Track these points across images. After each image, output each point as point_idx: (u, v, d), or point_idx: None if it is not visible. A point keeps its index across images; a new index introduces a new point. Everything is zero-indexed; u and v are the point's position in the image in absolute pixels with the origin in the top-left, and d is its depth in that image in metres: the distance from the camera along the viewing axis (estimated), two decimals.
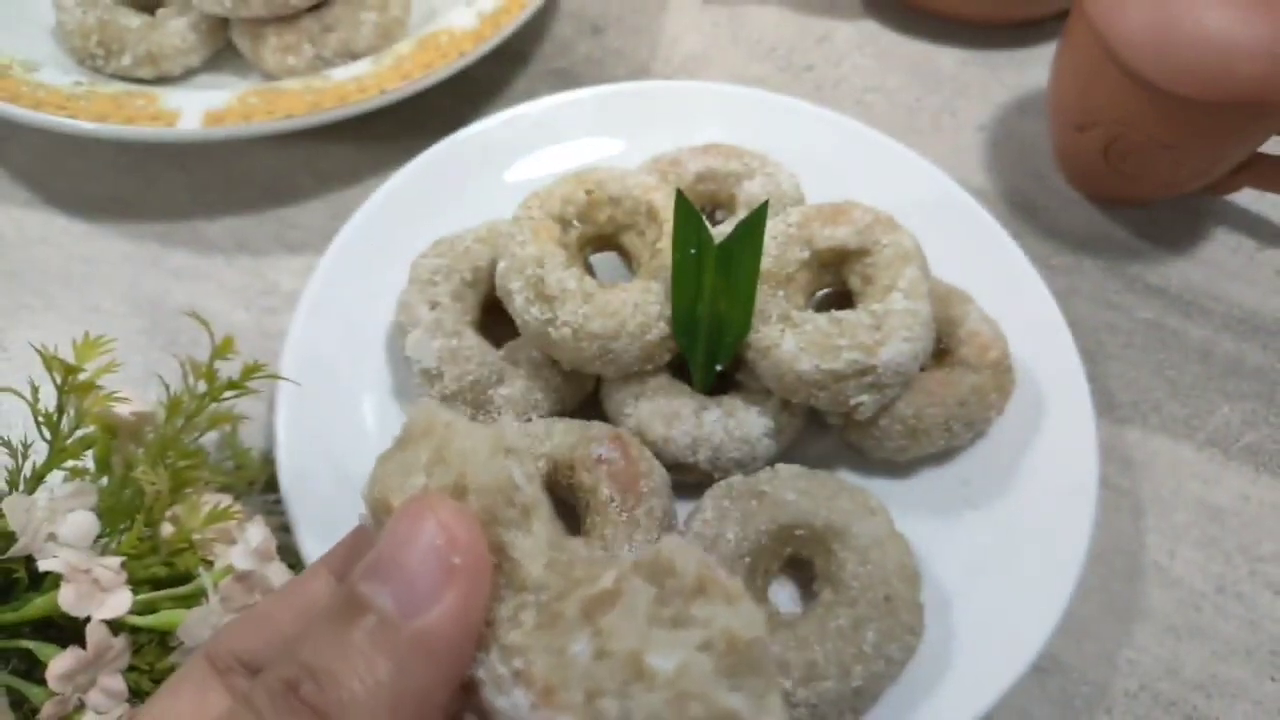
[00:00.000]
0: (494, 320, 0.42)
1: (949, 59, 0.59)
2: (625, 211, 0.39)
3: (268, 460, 0.40)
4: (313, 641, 0.17)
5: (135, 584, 0.32)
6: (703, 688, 0.15)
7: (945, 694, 0.35)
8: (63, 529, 0.31)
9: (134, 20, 0.51)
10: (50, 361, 0.34)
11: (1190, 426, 0.46)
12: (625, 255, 0.41)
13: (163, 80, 0.52)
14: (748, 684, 0.16)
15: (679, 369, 0.40)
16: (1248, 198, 0.53)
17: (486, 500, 0.17)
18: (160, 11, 0.53)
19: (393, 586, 0.17)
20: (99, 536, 0.32)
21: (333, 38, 0.51)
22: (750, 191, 0.43)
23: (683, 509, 0.38)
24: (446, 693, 0.17)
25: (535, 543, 0.17)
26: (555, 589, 0.17)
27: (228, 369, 0.36)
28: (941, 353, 0.41)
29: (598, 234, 0.40)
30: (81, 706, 0.31)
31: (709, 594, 0.16)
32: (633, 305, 0.37)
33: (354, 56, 0.51)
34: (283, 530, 0.37)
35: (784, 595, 0.38)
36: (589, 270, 0.41)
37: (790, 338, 0.37)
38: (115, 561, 0.32)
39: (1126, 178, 0.49)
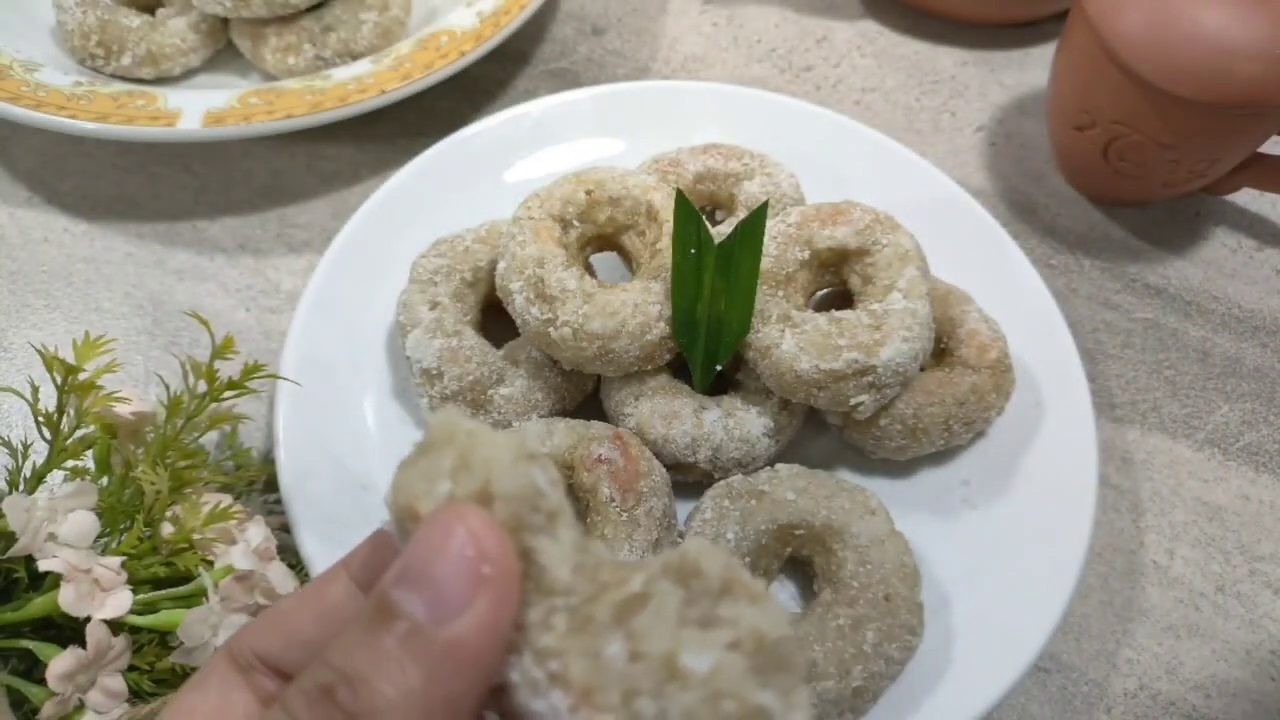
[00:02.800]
0: (494, 320, 0.42)
1: (948, 59, 0.59)
2: (625, 212, 0.39)
3: (268, 460, 0.40)
4: (345, 646, 0.17)
5: (135, 584, 0.32)
6: (735, 686, 0.16)
7: (945, 694, 0.35)
8: (63, 529, 0.31)
9: (134, 20, 0.51)
10: (50, 361, 0.34)
11: (1189, 426, 0.46)
12: (625, 255, 0.41)
13: (163, 80, 0.52)
14: (776, 681, 0.16)
15: (679, 369, 0.40)
16: (1246, 197, 0.53)
17: (512, 507, 0.18)
18: (160, 12, 0.53)
19: (424, 594, 0.17)
20: (99, 536, 0.32)
21: (333, 38, 0.51)
22: (750, 192, 0.43)
23: (683, 509, 0.38)
24: (477, 697, 0.17)
25: (561, 548, 0.18)
26: (584, 592, 0.17)
27: (228, 369, 0.36)
28: (941, 352, 0.41)
29: (598, 234, 0.40)
30: (81, 706, 0.31)
31: (734, 594, 0.17)
32: (633, 305, 0.37)
33: (354, 56, 0.51)
34: (283, 530, 0.37)
35: (784, 595, 0.38)
36: (589, 270, 0.42)
37: (790, 338, 0.37)
38: (115, 561, 0.32)
39: (1125, 178, 0.49)
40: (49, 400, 0.35)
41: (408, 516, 0.18)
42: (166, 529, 0.34)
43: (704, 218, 0.37)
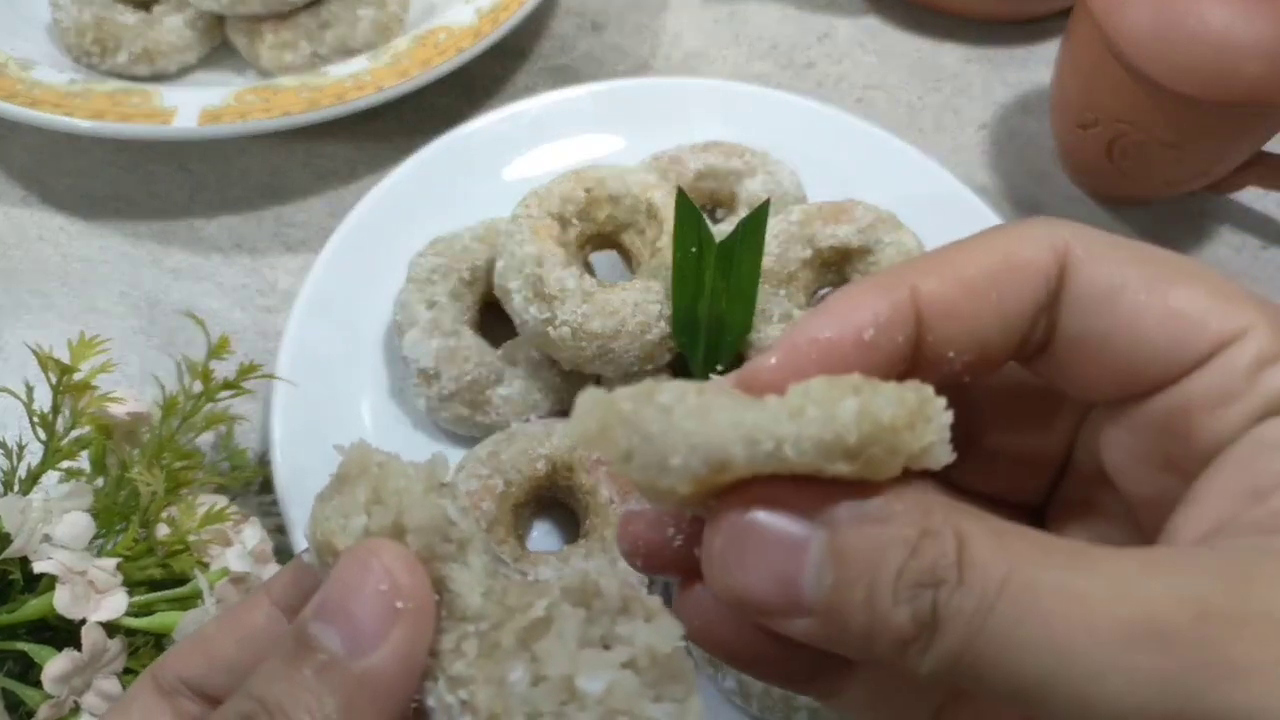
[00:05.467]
0: (492, 319, 0.41)
1: (951, 56, 0.58)
2: (625, 210, 0.39)
3: (264, 461, 0.40)
4: (266, 677, 0.18)
5: (131, 586, 0.32)
6: (629, 704, 0.17)
7: None
8: (58, 530, 0.31)
9: (130, 17, 0.51)
10: (45, 361, 0.34)
11: None
12: (625, 254, 0.41)
13: (159, 78, 0.52)
14: (669, 693, 0.18)
15: (679, 369, 0.40)
16: (1251, 196, 0.53)
17: (425, 538, 0.19)
18: (156, 8, 0.52)
19: (341, 628, 0.18)
20: (94, 538, 0.32)
21: (330, 35, 0.51)
22: (751, 189, 0.43)
23: None
24: None
25: (473, 574, 0.19)
26: (493, 618, 0.18)
27: (224, 369, 0.36)
28: None
29: (597, 232, 0.40)
30: (77, 709, 0.31)
31: (632, 612, 0.18)
32: (632, 304, 0.37)
33: (351, 53, 0.51)
34: (278, 531, 0.36)
35: None
36: (588, 269, 0.41)
37: None
38: (111, 563, 0.31)
39: (1129, 176, 0.49)
40: (44, 400, 0.34)
41: (326, 550, 0.19)
42: (162, 530, 0.33)
43: (705, 216, 0.37)
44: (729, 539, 0.17)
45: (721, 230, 0.39)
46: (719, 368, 0.38)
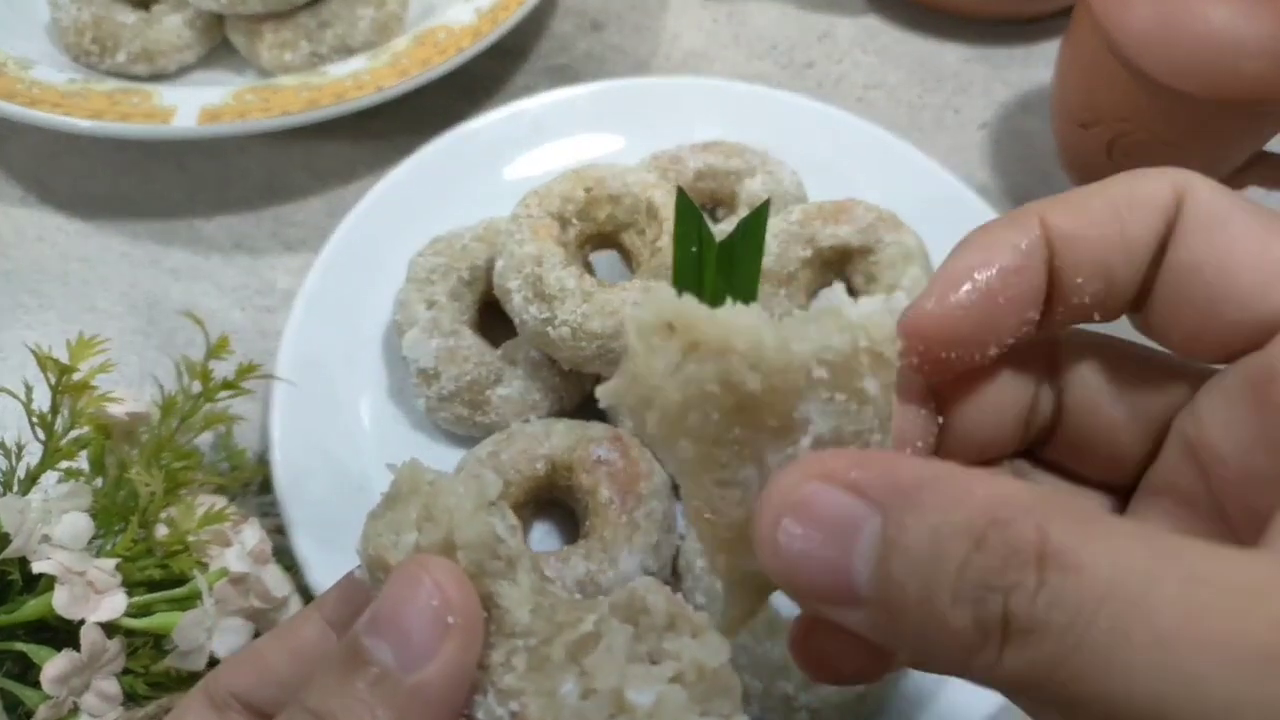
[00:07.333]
0: (492, 319, 0.41)
1: (952, 56, 0.58)
2: (625, 209, 0.39)
3: (263, 461, 0.40)
4: (320, 689, 0.18)
5: (130, 586, 0.32)
6: (677, 716, 0.17)
7: (948, 696, 0.34)
8: (57, 530, 0.31)
9: (129, 17, 0.51)
10: (44, 361, 0.34)
11: None
12: (625, 254, 0.41)
13: (158, 77, 0.52)
14: (715, 707, 0.18)
15: None
16: (1252, 196, 0.53)
17: (474, 555, 0.19)
18: (156, 8, 0.52)
19: (393, 642, 0.18)
20: (93, 538, 0.32)
21: (329, 34, 0.51)
22: (751, 189, 0.43)
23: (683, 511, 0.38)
24: None
25: (521, 591, 0.19)
26: (542, 633, 0.19)
27: (223, 369, 0.36)
28: None
29: (597, 232, 0.40)
30: (76, 709, 0.31)
31: (678, 628, 0.18)
32: (632, 304, 0.37)
33: (351, 53, 0.51)
34: (278, 532, 0.36)
35: (786, 599, 0.37)
36: (588, 269, 0.41)
37: None
38: (110, 564, 0.31)
39: None
40: (43, 401, 0.34)
41: (378, 566, 0.19)
42: (161, 531, 0.33)
43: (705, 215, 0.37)
44: (779, 509, 0.15)
45: (721, 230, 0.39)
46: None
